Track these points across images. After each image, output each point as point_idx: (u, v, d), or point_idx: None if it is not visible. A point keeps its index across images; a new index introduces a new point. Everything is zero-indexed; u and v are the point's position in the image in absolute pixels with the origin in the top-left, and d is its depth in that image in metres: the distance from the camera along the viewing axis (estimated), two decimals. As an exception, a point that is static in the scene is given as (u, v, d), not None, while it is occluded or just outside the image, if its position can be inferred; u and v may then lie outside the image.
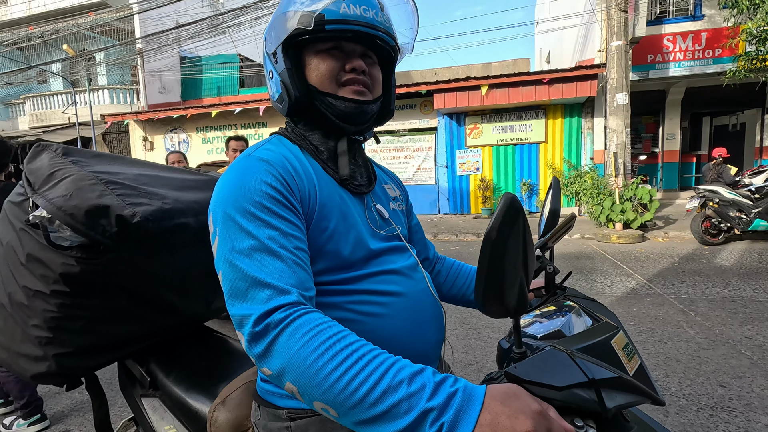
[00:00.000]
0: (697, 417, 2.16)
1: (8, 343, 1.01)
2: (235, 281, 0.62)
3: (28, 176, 0.99)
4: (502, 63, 13.20)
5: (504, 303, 0.54)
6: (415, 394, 0.49)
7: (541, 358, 0.56)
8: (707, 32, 9.05)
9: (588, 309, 0.74)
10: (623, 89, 7.90)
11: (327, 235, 0.72)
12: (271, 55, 0.80)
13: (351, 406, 0.51)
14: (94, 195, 0.89)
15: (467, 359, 2.90)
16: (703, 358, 2.79)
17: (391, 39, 0.80)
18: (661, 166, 11.13)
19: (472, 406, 0.48)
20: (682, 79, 9.62)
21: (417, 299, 0.78)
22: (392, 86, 0.88)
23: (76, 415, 2.40)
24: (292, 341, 0.55)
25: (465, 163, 10.27)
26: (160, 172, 1.16)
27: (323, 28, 0.73)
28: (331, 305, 0.71)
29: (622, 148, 8.05)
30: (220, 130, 11.87)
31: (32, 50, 15.44)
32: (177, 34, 12.98)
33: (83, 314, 0.98)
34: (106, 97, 14.15)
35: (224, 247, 0.64)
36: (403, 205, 0.97)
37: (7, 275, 1.00)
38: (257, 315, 0.58)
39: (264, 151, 0.74)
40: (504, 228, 0.51)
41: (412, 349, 0.75)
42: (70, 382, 1.06)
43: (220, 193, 0.69)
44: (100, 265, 0.92)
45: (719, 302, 3.83)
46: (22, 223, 0.96)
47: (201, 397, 0.97)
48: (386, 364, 0.52)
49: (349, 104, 0.78)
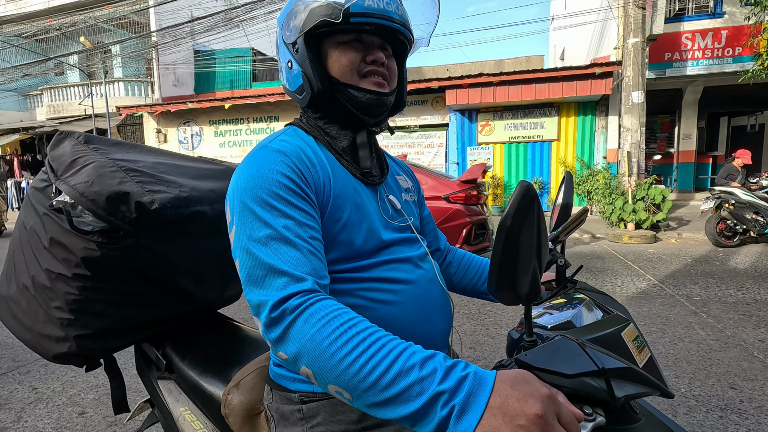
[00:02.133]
0: (706, 418, 2.14)
1: (31, 324, 1.04)
2: (252, 269, 0.63)
3: (51, 162, 1.01)
4: (516, 60, 13.07)
5: (516, 290, 0.55)
6: (427, 378, 0.50)
7: (551, 346, 0.57)
8: (727, 30, 8.86)
9: (599, 302, 0.74)
10: (639, 87, 7.77)
11: (340, 226, 0.73)
12: (290, 45, 0.80)
13: (364, 389, 0.52)
14: (115, 182, 0.91)
15: (475, 355, 2.91)
16: (714, 359, 2.76)
17: (408, 32, 0.81)
18: (676, 166, 10.95)
19: (483, 390, 0.48)
20: (699, 77, 9.44)
21: (426, 288, 0.80)
22: (405, 78, 0.89)
23: (92, 398, 2.47)
24: (307, 326, 0.57)
25: (476, 160, 10.21)
26: (177, 161, 1.18)
27: (347, 21, 0.74)
28: (344, 292, 0.73)
29: (636, 147, 7.94)
30: (233, 124, 11.96)
31: (50, 42, 15.70)
32: (191, 27, 13.08)
33: (103, 298, 1.01)
34: (122, 89, 14.35)
35: (241, 235, 0.66)
36: (415, 196, 0.98)
37: (31, 258, 1.02)
38: (274, 301, 0.59)
39: (280, 142, 0.75)
40: (519, 215, 0.52)
41: (420, 336, 0.76)
42: (89, 363, 1.09)
43: (236, 183, 0.70)
44: (119, 250, 0.95)
45: (732, 305, 3.77)
46: (46, 208, 0.98)
47: (215, 380, 1.00)
48: (398, 349, 0.53)
49: (370, 96, 0.78)
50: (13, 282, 1.08)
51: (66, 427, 2.20)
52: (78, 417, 2.30)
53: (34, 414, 2.33)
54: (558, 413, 0.48)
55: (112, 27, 15.05)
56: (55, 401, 2.47)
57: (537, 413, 0.46)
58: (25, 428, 2.20)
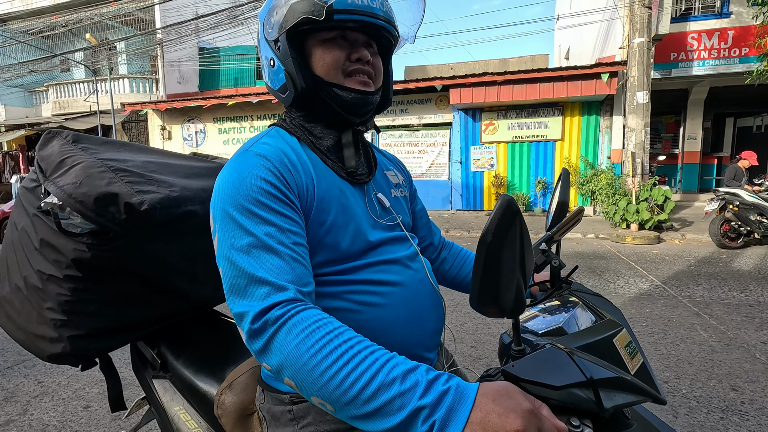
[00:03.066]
0: (707, 419, 2.13)
1: (25, 324, 1.03)
2: (234, 278, 0.62)
3: (39, 163, 1.00)
4: (520, 59, 13.01)
5: (500, 305, 0.53)
6: (408, 392, 0.49)
7: (539, 356, 0.56)
8: (734, 30, 8.77)
9: (592, 305, 0.73)
10: (644, 87, 7.72)
11: (326, 228, 0.72)
12: (272, 42, 0.78)
13: (346, 402, 0.52)
14: (103, 182, 0.90)
15: (476, 353, 2.90)
16: (716, 361, 2.74)
17: (393, 29, 0.79)
18: (681, 167, 10.87)
19: (464, 404, 0.48)
20: (705, 78, 9.35)
21: (416, 289, 0.78)
22: (390, 75, 0.87)
23: (96, 392, 2.48)
24: (288, 339, 0.56)
25: (479, 160, 10.19)
26: (168, 159, 1.16)
27: (331, 18, 0.72)
28: (330, 295, 0.71)
29: (640, 147, 7.89)
30: (236, 121, 11.97)
31: (56, 39, 15.76)
32: (196, 24, 13.11)
33: (95, 298, 1.00)
34: (126, 86, 14.39)
35: (223, 244, 0.64)
36: (406, 191, 0.96)
37: (23, 259, 1.02)
38: (255, 312, 0.58)
39: (261, 145, 0.73)
40: (500, 231, 0.50)
41: (410, 338, 0.75)
42: (85, 363, 1.09)
43: (218, 190, 0.68)
44: (110, 251, 0.94)
45: (735, 306, 3.75)
46: (35, 209, 0.97)
47: (209, 380, 1.00)
48: (380, 362, 0.53)
49: (355, 95, 0.77)
50: (6, 283, 1.07)
51: (71, 421, 2.22)
52: (83, 410, 2.31)
53: (40, 407, 2.36)
54: (540, 428, 0.48)
55: (117, 24, 15.09)
56: (60, 395, 2.49)
57: (517, 429, 0.46)
58: (32, 421, 2.22)
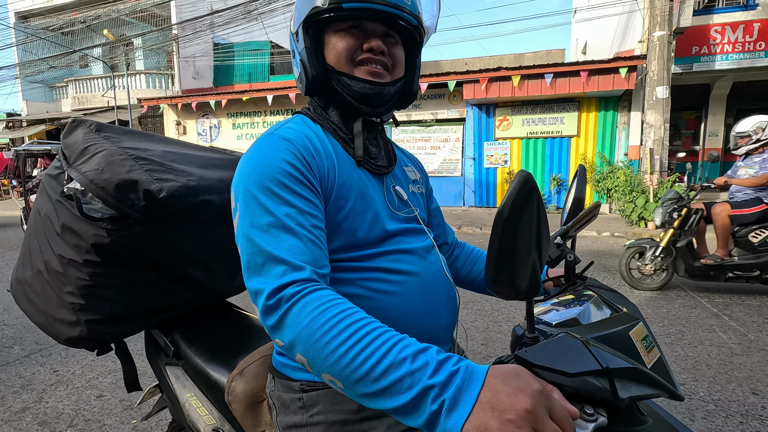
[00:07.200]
0: (725, 423, 2.08)
1: (45, 307, 1.07)
2: (252, 256, 0.64)
3: (64, 150, 1.04)
4: (536, 54, 12.81)
5: (515, 284, 0.53)
6: (418, 371, 0.50)
7: (553, 343, 0.55)
8: (760, 23, 8.48)
9: (607, 299, 0.72)
10: (664, 82, 7.54)
11: (344, 214, 0.73)
12: (294, 34, 0.81)
13: (356, 379, 0.52)
14: (124, 170, 0.93)
15: (487, 351, 2.89)
16: (736, 364, 2.67)
17: (415, 19, 0.78)
18: (701, 164, 10.62)
19: (473, 384, 0.48)
20: (729, 72, 9.08)
21: (430, 280, 0.78)
22: (417, 68, 0.87)
23: (109, 382, 2.54)
24: (302, 315, 0.57)
25: (493, 156, 10.09)
26: (186, 150, 1.19)
27: (340, 7, 0.73)
28: (345, 281, 0.72)
29: (659, 144, 7.72)
30: (250, 117, 12.06)
31: (75, 35, 16.07)
32: (211, 20, 13.22)
33: (113, 284, 1.02)
34: (143, 81, 14.61)
35: (244, 222, 0.66)
36: (423, 188, 0.97)
37: (45, 244, 1.05)
38: (271, 289, 0.60)
39: (286, 129, 0.75)
40: (517, 206, 0.49)
41: (423, 329, 0.75)
42: (101, 347, 1.12)
43: (242, 170, 0.70)
44: (128, 237, 0.96)
45: (756, 308, 3.65)
46: (58, 195, 1.00)
47: (220, 367, 1.01)
48: (392, 341, 0.53)
49: (364, 85, 0.77)
50: (29, 267, 1.10)
51: (84, 409, 2.27)
52: (96, 400, 2.36)
53: (55, 395, 2.41)
54: (550, 409, 0.47)
55: (134, 20, 15.32)
56: (74, 384, 2.54)
57: (526, 408, 0.45)
58: (47, 409, 2.28)
